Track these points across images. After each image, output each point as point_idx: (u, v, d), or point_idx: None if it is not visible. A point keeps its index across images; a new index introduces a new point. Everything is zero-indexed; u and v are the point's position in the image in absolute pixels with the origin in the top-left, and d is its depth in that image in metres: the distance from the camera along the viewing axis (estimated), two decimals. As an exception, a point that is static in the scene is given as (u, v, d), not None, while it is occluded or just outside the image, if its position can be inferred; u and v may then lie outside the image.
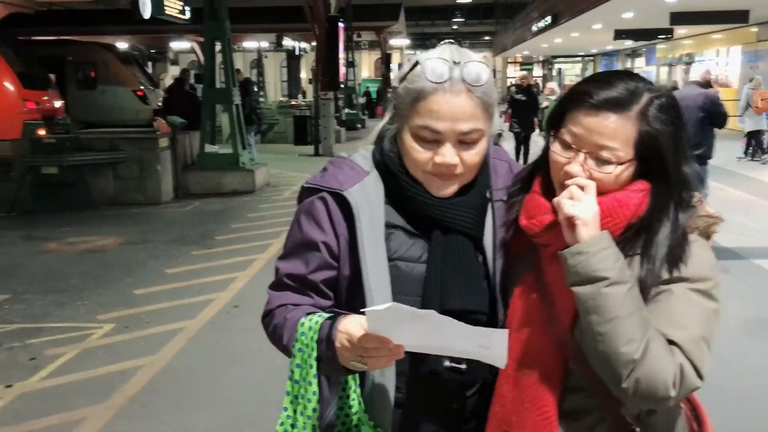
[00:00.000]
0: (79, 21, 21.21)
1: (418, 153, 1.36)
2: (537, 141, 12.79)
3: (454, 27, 39.42)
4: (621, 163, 1.29)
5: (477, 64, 1.34)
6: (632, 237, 1.30)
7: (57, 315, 5.44)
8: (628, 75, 1.34)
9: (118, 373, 4.34)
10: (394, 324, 1.13)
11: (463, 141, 1.34)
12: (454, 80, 1.32)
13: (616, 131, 1.27)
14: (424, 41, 34.41)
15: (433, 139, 1.34)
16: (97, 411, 3.85)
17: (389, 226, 1.40)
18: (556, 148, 1.34)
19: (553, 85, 14.77)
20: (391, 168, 1.41)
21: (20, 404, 3.95)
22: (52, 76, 17.84)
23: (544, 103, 13.33)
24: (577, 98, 1.31)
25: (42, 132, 10.03)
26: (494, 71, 1.43)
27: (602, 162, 1.29)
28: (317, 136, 16.34)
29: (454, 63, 1.33)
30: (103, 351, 4.72)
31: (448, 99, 1.32)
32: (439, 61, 1.34)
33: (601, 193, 1.29)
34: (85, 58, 19.90)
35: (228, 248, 7.63)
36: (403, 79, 1.38)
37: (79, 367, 4.44)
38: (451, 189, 1.38)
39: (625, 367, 1.20)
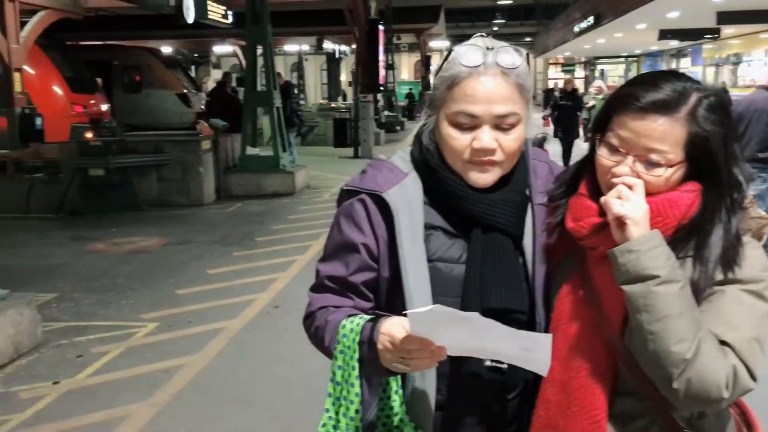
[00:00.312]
0: (125, 26, 21.66)
1: (455, 140, 1.36)
2: (579, 145, 12.53)
3: (495, 28, 39.17)
4: (671, 166, 1.27)
5: (510, 48, 1.36)
6: (684, 238, 1.27)
7: (103, 314, 5.57)
8: (675, 75, 1.31)
9: (162, 372, 4.41)
10: (437, 326, 1.13)
11: (500, 126, 1.34)
12: (488, 64, 1.33)
13: (664, 134, 1.25)
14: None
15: (470, 125, 1.34)
16: (141, 408, 3.92)
17: (428, 227, 1.40)
18: (602, 152, 1.32)
19: (600, 83, 14.47)
20: (430, 163, 1.41)
21: (67, 400, 4.04)
22: (99, 80, 18.28)
23: (591, 102, 12.99)
24: (623, 101, 1.29)
25: (89, 135, 10.27)
26: (527, 58, 1.44)
27: (652, 165, 1.27)
28: (356, 139, 16.41)
29: (488, 49, 1.34)
30: (147, 349, 4.81)
31: (483, 82, 1.32)
32: (472, 47, 1.35)
33: (651, 195, 1.27)
34: (131, 62, 20.35)
35: (268, 249, 7.71)
36: (438, 71, 1.39)
37: (124, 365, 4.53)
38: (490, 177, 1.37)
39: (677, 367, 1.18)
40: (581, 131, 12.81)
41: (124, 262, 7.20)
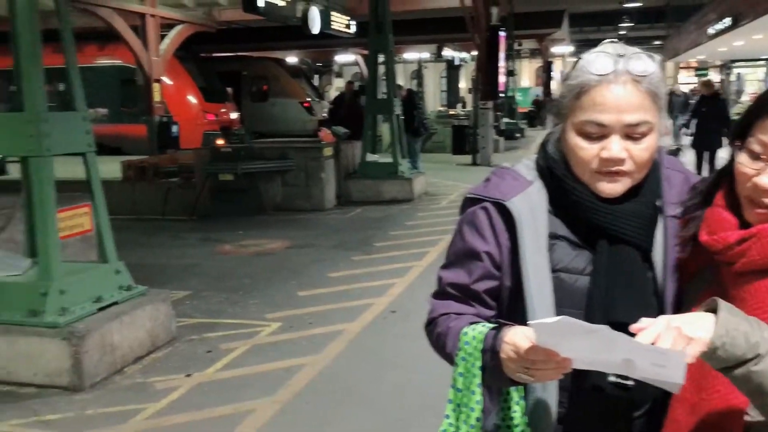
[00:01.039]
0: (253, 37, 22.67)
1: (583, 150, 1.32)
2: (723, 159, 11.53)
3: (622, 32, 37.77)
4: None
5: (643, 55, 1.31)
6: None
7: (230, 312, 5.85)
8: None
9: (284, 370, 4.58)
10: (563, 337, 1.11)
11: (631, 135, 1.30)
12: (619, 72, 1.29)
13: None
14: (588, 48, 33.32)
15: (598, 134, 1.31)
16: (265, 404, 4.09)
17: (553, 236, 1.38)
18: (742, 159, 1.25)
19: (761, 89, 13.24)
20: (556, 172, 1.39)
21: (198, 393, 4.28)
22: (230, 90, 19.24)
23: None
24: (767, 105, 1.23)
25: (220, 142, 10.82)
26: (661, 64, 1.38)
27: None
28: (475, 146, 16.33)
29: (619, 56, 1.31)
30: (271, 348, 5.00)
31: (613, 90, 1.29)
32: (602, 54, 1.32)
33: None
34: (259, 72, 21.30)
35: (386, 255, 7.81)
36: (566, 78, 1.37)
37: (249, 362, 4.74)
38: (619, 187, 1.33)
39: None
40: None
41: (250, 264, 7.53)
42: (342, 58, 29.98)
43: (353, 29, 13.41)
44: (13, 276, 4.57)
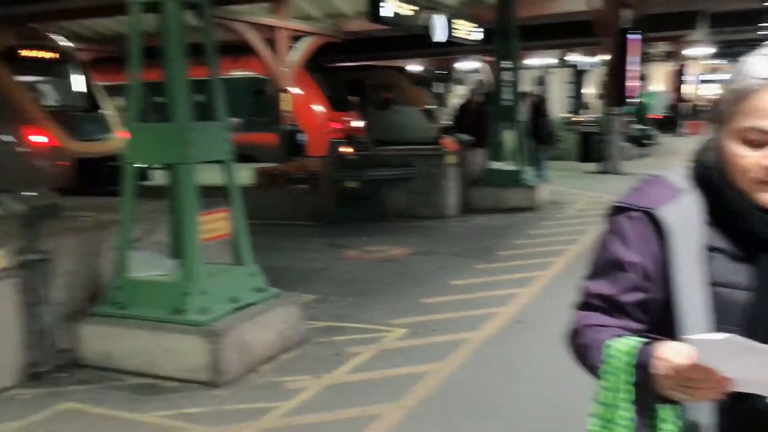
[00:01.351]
0: (378, 47, 23.05)
1: (743, 158, 1.27)
2: None
3: (765, 32, 35.31)
4: None
5: None
6: None
7: (355, 316, 5.96)
8: None
9: (409, 376, 4.61)
10: (726, 356, 1.06)
11: None
12: None
13: None
14: (727, 49, 31.42)
15: (761, 141, 1.25)
16: (391, 409, 4.14)
17: (710, 248, 1.32)
18: None
19: None
20: (713, 180, 1.33)
21: (327, 394, 4.39)
22: (355, 99, 19.70)
23: None
24: None
25: (346, 149, 11.09)
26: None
27: None
28: (603, 154, 15.79)
29: None
30: (396, 353, 5.06)
31: None
32: (765, 57, 1.25)
33: None
34: (382, 81, 21.63)
35: (510, 264, 7.71)
36: (727, 83, 1.32)
37: (376, 366, 4.81)
38: None
39: None
40: None
41: (375, 269, 7.66)
42: (463, 65, 29.93)
43: (476, 36, 13.37)
44: (160, 275, 4.89)
